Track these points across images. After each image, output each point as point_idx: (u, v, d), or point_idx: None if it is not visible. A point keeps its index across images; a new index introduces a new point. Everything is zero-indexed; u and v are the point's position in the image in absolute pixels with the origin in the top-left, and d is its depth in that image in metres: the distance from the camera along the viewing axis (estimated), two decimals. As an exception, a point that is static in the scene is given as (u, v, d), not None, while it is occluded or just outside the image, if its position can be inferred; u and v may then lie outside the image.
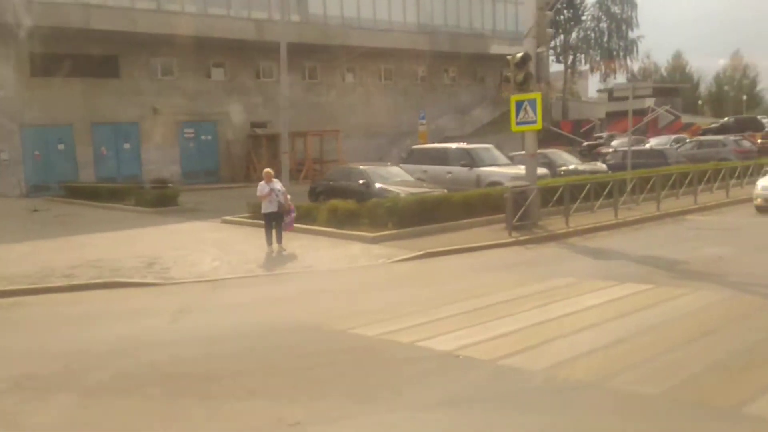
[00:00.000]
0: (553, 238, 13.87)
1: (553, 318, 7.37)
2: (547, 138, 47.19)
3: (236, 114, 34.94)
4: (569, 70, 55.16)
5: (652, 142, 35.30)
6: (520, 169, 18.79)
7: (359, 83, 40.38)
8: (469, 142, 22.41)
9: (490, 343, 6.58)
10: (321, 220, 15.53)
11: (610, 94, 60.02)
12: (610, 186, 15.99)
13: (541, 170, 19.06)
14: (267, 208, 13.38)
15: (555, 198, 15.14)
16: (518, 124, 15.19)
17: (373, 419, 5.02)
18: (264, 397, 5.54)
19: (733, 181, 19.77)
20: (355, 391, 5.54)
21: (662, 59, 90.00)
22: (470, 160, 19.19)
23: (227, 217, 18.03)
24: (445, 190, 16.91)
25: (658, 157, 23.48)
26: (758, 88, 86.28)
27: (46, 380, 6.24)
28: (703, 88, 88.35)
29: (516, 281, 9.77)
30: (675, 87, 60.89)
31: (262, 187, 13.46)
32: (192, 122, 33.98)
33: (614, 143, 39.78)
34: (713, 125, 49.55)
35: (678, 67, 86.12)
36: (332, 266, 11.87)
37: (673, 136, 36.81)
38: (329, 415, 5.10)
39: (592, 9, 54.67)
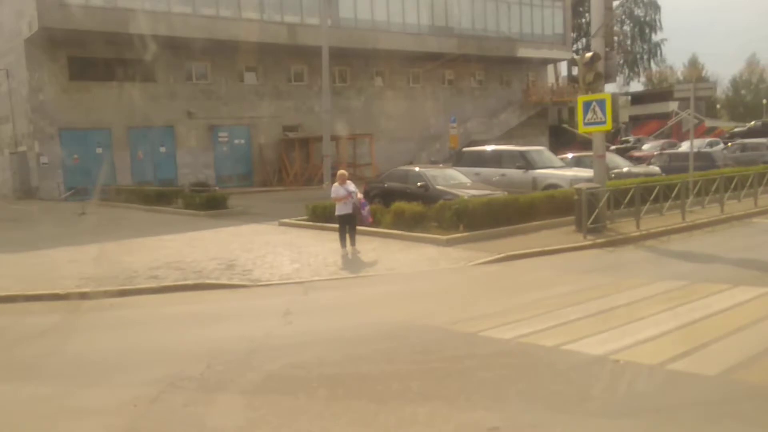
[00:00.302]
0: (628, 241, 13.72)
1: (691, 321, 7.23)
2: (572, 142, 47.21)
3: (269, 118, 35.04)
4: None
5: (683, 146, 34.95)
6: (577, 171, 18.75)
7: (388, 87, 40.39)
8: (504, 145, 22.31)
9: (642, 346, 6.44)
10: (386, 222, 15.43)
11: (634, 98, 60.08)
12: (677, 188, 15.83)
13: (586, 174, 18.97)
14: (342, 210, 13.29)
15: (626, 200, 14.95)
16: (586, 124, 15.03)
17: (573, 427, 4.89)
18: (440, 400, 5.42)
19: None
20: (536, 397, 5.42)
21: (677, 64, 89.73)
22: (525, 162, 19.09)
23: (285, 220, 17.96)
24: (505, 193, 16.81)
25: (706, 159, 23.33)
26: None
27: (200, 381, 6.15)
28: (719, 92, 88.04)
29: (620, 284, 9.62)
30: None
31: (336, 189, 13.37)
32: (225, 126, 34.06)
33: (645, 147, 39.65)
34: (738, 129, 49.35)
35: (694, 71, 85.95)
36: (414, 269, 11.75)
37: (707, 140, 36.64)
38: (523, 421, 4.98)
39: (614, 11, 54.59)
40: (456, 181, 17.66)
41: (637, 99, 56.66)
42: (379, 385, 5.82)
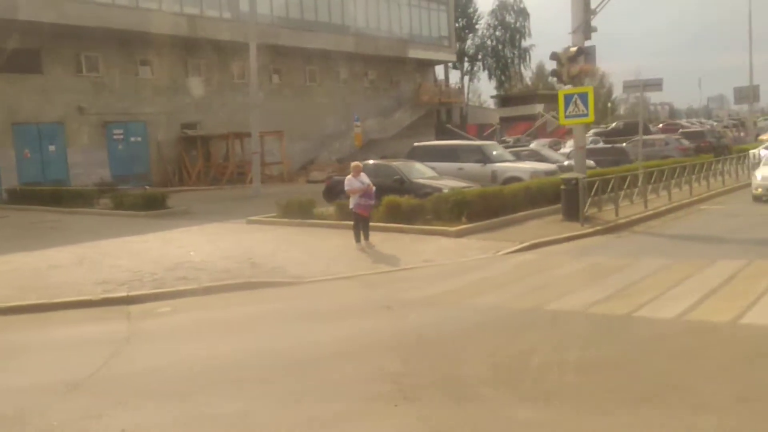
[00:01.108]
0: (619, 227, 14.33)
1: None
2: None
3: (166, 114, 33.03)
4: (467, 77, 57.34)
5: (533, 145, 35.32)
6: (534, 165, 19.44)
7: (286, 84, 39.48)
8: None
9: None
10: (378, 217, 15.10)
11: (502, 101, 63.19)
12: (641, 178, 16.87)
13: (546, 166, 19.80)
14: (357, 203, 12.82)
15: (609, 189, 15.68)
16: (567, 117, 15.61)
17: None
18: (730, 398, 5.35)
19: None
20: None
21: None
22: (483, 156, 19.46)
23: (253, 218, 17.01)
24: (477, 185, 17.05)
25: (620, 154, 25.07)
26: (614, 96, 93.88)
27: (411, 378, 5.69)
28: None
29: (688, 264, 9.84)
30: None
31: (351, 181, 12.88)
32: (120, 123, 31.61)
33: (532, 146, 41.67)
34: (602, 129, 53.45)
35: (541, 77, 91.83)
36: (450, 260, 11.57)
37: (548, 140, 38.16)
38: None
39: (487, 18, 57.22)
40: (426, 174, 17.64)
41: (505, 101, 59.59)
42: (649, 388, 5.49)
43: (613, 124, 53.93)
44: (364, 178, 13.04)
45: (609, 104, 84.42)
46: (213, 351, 6.96)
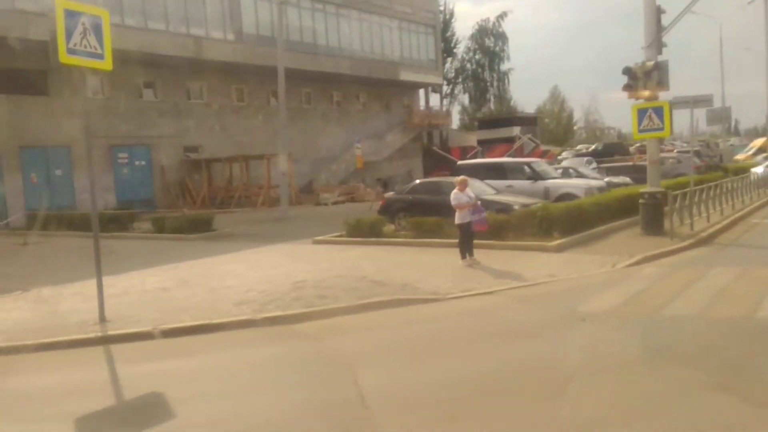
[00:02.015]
0: (704, 241, 14.48)
1: None
2: (436, 164, 49.18)
3: (169, 138, 32.33)
4: (447, 99, 57.92)
5: (566, 163, 37.23)
6: (587, 182, 19.62)
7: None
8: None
9: None
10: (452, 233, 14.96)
11: (481, 123, 63.96)
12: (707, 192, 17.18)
13: (597, 182, 20.01)
14: (464, 218, 12.62)
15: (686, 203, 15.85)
16: (641, 131, 15.72)
17: None
18: None
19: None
20: None
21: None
22: (534, 173, 19.53)
23: (319, 238, 16.62)
24: (539, 201, 17.10)
25: (640, 171, 25.52)
26: (574, 120, 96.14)
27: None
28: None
29: None
30: (535, 117, 66.24)
31: (458, 196, 12.66)
32: (125, 146, 30.77)
33: (565, 163, 42.22)
34: (581, 150, 54.69)
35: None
36: (571, 275, 11.47)
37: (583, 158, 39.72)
38: None
39: (467, 42, 58.07)
40: (487, 191, 17.57)
41: (484, 124, 60.33)
42: None
43: (593, 146, 55.29)
44: (470, 192, 12.86)
45: (575, 127, 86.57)
46: (455, 369, 6.66)
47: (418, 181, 18.88)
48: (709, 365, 6.28)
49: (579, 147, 63.26)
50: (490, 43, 57.72)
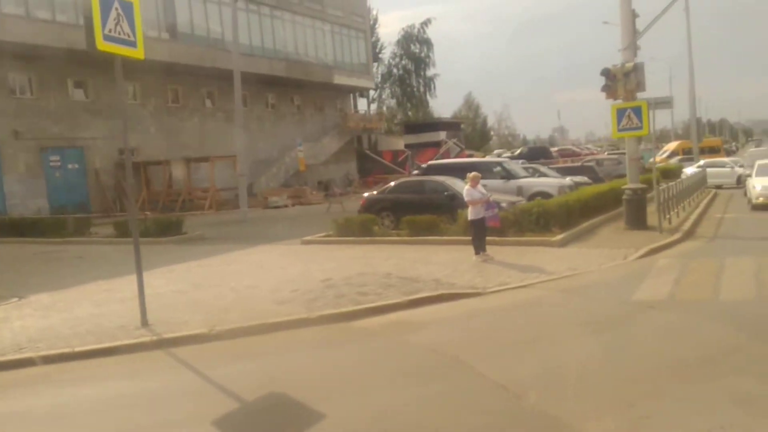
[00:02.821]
0: (688, 234, 15.12)
1: None
2: (371, 167, 49.30)
3: (103, 139, 30.65)
4: (375, 103, 58.05)
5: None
6: (559, 180, 20.08)
7: (219, 109, 37.96)
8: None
9: None
10: (455, 230, 14.95)
11: (407, 128, 64.54)
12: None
13: (567, 181, 20.53)
14: (478, 214, 12.57)
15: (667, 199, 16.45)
16: (620, 130, 16.18)
17: None
18: None
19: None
20: None
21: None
22: (506, 172, 19.79)
23: (307, 238, 16.16)
24: (524, 200, 17.37)
25: (590, 171, 26.50)
26: (489, 126, 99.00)
27: None
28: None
29: None
30: (458, 122, 67.40)
31: (471, 192, 12.60)
32: (57, 149, 28.91)
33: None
34: (510, 154, 56.11)
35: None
36: (589, 268, 11.61)
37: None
38: None
39: (393, 47, 58.45)
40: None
41: (411, 128, 60.91)
42: None
43: (519, 150, 56.88)
44: (482, 188, 12.84)
45: (492, 133, 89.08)
46: (580, 357, 6.57)
47: (397, 181, 18.69)
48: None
49: (498, 151, 65.00)
50: (415, 49, 58.33)
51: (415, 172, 34.19)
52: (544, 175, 22.24)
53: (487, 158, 31.95)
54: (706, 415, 4.90)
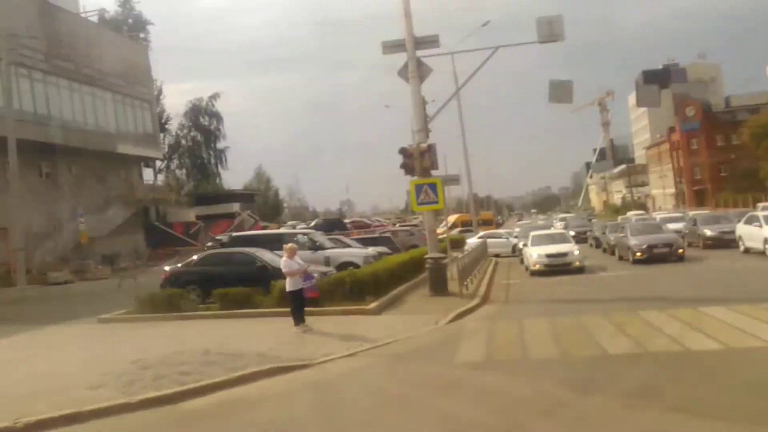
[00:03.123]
0: (485, 299, 16.21)
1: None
2: (160, 240, 47.13)
3: None
4: (162, 174, 55.87)
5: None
6: (365, 251, 20.71)
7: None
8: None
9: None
10: (268, 303, 14.68)
11: (198, 199, 62.83)
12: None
13: (371, 251, 21.22)
14: (296, 285, 12.46)
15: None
16: (420, 204, 17.20)
17: None
18: None
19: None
20: None
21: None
22: (313, 243, 19.93)
23: (105, 316, 14.85)
24: (333, 269, 17.65)
25: (388, 242, 27.62)
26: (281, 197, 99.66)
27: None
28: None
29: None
30: (251, 193, 66.94)
31: (288, 263, 12.48)
32: None
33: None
34: (305, 225, 56.78)
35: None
36: (410, 333, 11.83)
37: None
38: None
39: (181, 119, 57.13)
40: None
41: (203, 200, 59.43)
42: None
43: (314, 221, 57.75)
44: (299, 259, 12.78)
45: (284, 205, 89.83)
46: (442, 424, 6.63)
47: (202, 254, 18.04)
48: (626, 391, 7.22)
49: (292, 223, 65.53)
50: (204, 121, 57.58)
51: (210, 244, 33.28)
52: (348, 245, 22.80)
53: (296, 229, 32.06)
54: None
